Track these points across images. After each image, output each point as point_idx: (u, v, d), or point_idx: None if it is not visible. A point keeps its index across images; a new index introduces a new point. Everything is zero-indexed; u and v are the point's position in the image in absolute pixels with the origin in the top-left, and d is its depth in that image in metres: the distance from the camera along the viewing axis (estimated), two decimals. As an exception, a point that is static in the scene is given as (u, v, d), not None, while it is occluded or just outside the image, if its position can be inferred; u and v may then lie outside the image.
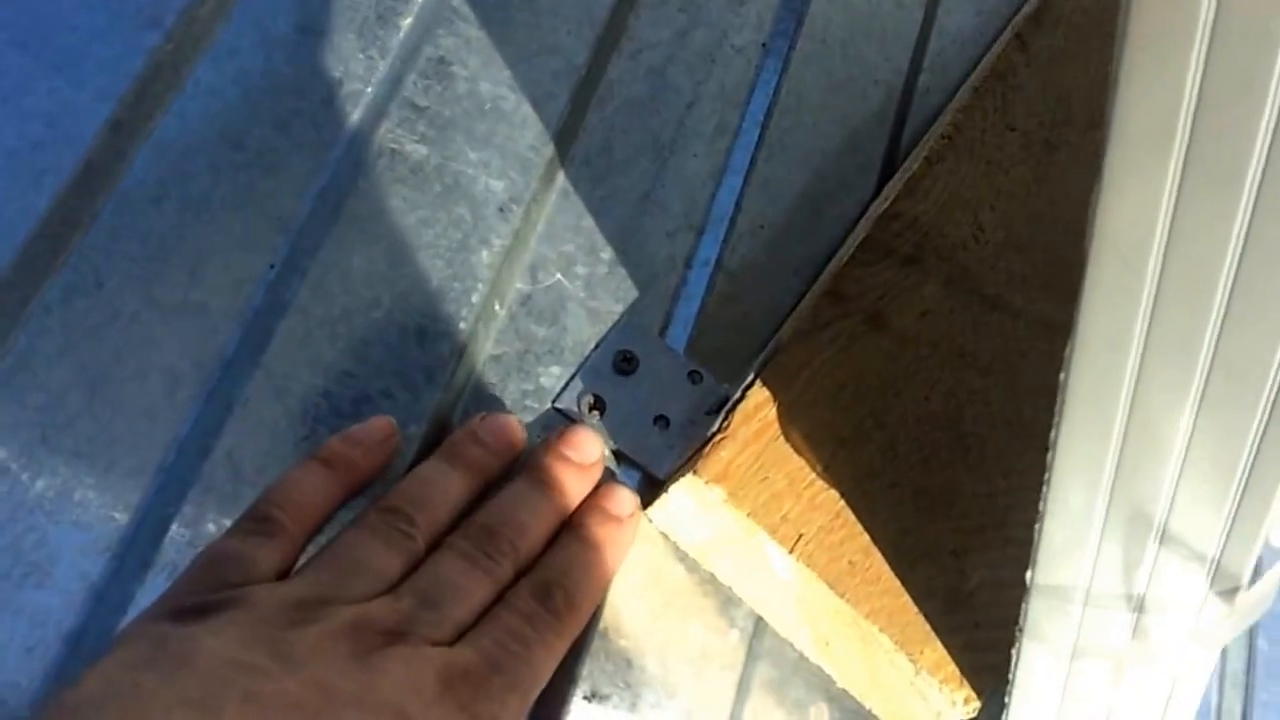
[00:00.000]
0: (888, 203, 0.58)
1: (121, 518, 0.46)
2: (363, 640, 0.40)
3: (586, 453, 0.51)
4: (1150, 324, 0.34)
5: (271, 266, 0.52)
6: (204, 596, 0.40)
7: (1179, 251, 0.32)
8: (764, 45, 0.67)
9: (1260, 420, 0.35)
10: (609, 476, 0.53)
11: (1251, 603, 0.40)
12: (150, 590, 0.45)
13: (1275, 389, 0.34)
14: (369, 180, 0.55)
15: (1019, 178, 0.61)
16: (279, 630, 0.39)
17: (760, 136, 0.64)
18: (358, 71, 0.57)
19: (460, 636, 0.43)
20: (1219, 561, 0.40)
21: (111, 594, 0.45)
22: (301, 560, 0.45)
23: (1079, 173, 0.62)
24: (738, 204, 0.62)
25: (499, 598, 0.45)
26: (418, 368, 0.52)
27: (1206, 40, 0.29)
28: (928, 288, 0.57)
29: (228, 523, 0.46)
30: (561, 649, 0.46)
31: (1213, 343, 0.34)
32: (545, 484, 0.49)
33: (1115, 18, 0.61)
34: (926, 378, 0.54)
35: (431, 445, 0.51)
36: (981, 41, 0.75)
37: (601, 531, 0.50)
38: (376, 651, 0.40)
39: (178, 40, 0.55)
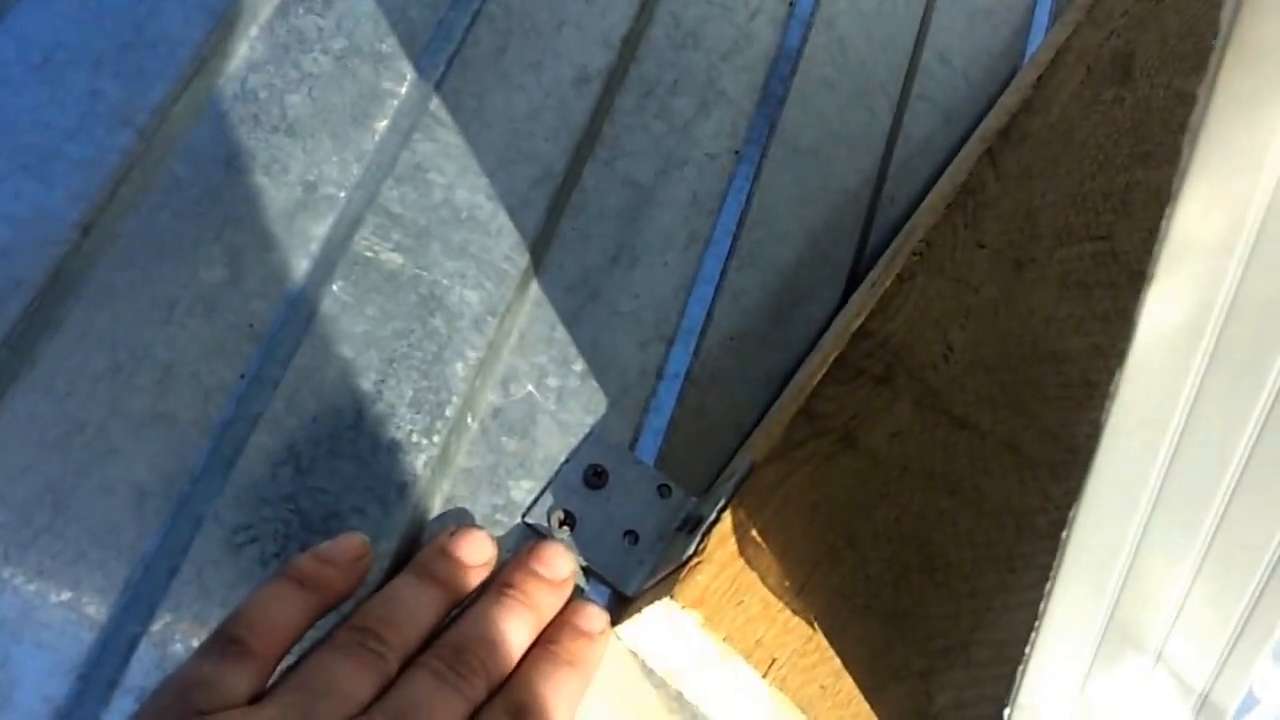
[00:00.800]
0: (860, 320, 0.59)
1: (87, 637, 0.45)
2: None
3: (557, 568, 0.51)
4: (1160, 492, 0.34)
5: (242, 376, 0.51)
6: None
7: (1198, 429, 0.33)
8: (737, 152, 0.68)
9: (1258, 583, 0.36)
10: (579, 593, 0.53)
11: None
12: (116, 713, 0.44)
13: (1275, 558, 0.35)
14: (343, 288, 0.54)
15: (987, 296, 0.62)
16: None
17: (732, 246, 0.65)
18: (332, 175, 0.57)
19: None
20: (1205, 701, 0.40)
21: (76, 717, 0.44)
22: (272, 680, 0.44)
23: (1045, 292, 0.63)
24: (708, 315, 0.62)
25: (472, 717, 0.45)
26: (390, 483, 0.51)
27: (1248, 249, 0.30)
28: (898, 407, 0.57)
29: (196, 643, 0.46)
30: None
31: (1218, 517, 0.34)
32: (517, 600, 0.49)
33: (1083, 133, 0.63)
34: (897, 498, 0.54)
35: (403, 560, 0.50)
36: (945, 149, 0.77)
37: (573, 648, 0.49)
38: None
39: (150, 139, 0.54)
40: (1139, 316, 0.32)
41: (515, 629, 0.48)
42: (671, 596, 0.48)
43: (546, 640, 0.49)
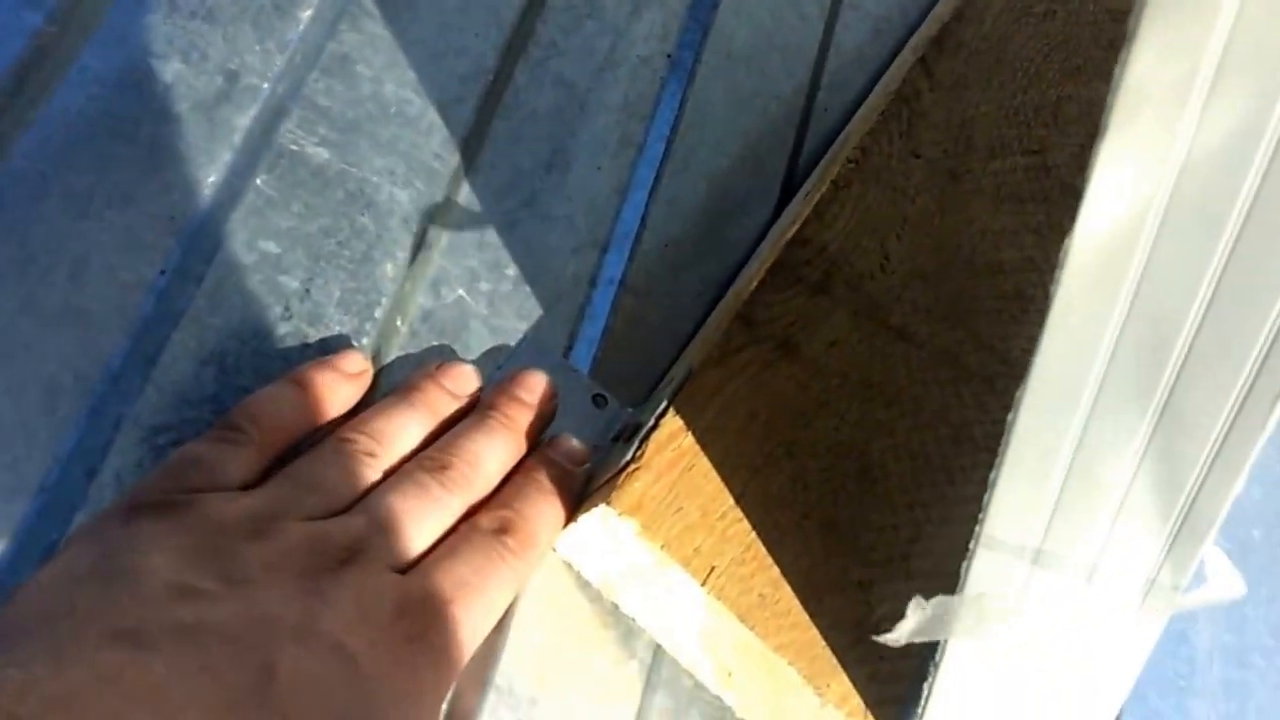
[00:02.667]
0: (796, 227, 0.58)
1: (-1, 543, 0.43)
2: (315, 558, 0.40)
3: (538, 392, 0.52)
4: (1106, 374, 0.34)
5: (162, 272, 0.49)
6: (164, 496, 0.40)
7: (1148, 295, 0.32)
8: (669, 56, 0.66)
9: (1202, 468, 0.35)
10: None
11: (1193, 599, 0.40)
12: (28, 622, 0.42)
13: (1222, 440, 0.34)
14: (268, 182, 0.52)
15: (924, 206, 0.62)
16: (230, 542, 0.39)
17: (665, 151, 0.63)
18: (254, 65, 0.54)
19: (413, 566, 0.43)
20: (1152, 587, 0.40)
21: (-14, 626, 0.42)
22: None
23: (981, 203, 0.63)
24: (643, 221, 0.61)
25: (453, 530, 0.46)
26: (317, 385, 0.49)
27: (1203, 96, 0.29)
28: (836, 317, 0.56)
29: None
30: (515, 586, 0.47)
31: (1166, 394, 0.34)
32: (499, 422, 0.49)
33: (1016, 45, 0.62)
34: (835, 408, 0.54)
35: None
36: (878, 60, 0.76)
37: (555, 474, 0.50)
38: (328, 574, 0.39)
39: (62, 22, 0.51)
40: (1089, 184, 0.31)
41: (498, 449, 0.49)
42: (608, 503, 0.47)
43: (529, 467, 0.50)
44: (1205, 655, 0.74)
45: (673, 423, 0.50)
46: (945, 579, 0.44)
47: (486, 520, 0.46)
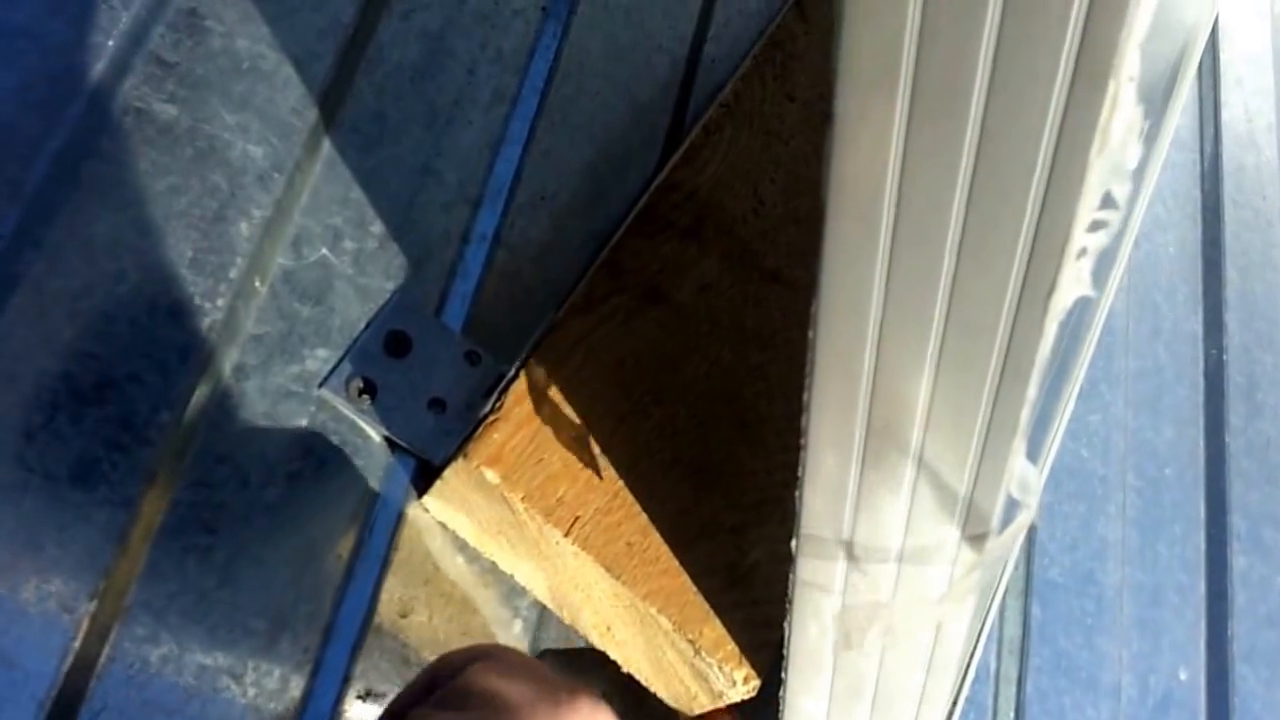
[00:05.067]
0: (665, 173, 0.57)
1: None
2: None
3: None
4: (888, 280, 0.33)
5: (0, 236, 0.47)
6: None
7: (910, 200, 0.32)
8: (544, 9, 0.65)
9: (994, 371, 0.35)
10: (382, 464, 0.51)
11: (1000, 546, 0.40)
12: None
13: (1006, 343, 0.34)
14: (112, 142, 0.50)
15: (798, 149, 0.61)
16: None
17: (540, 105, 0.62)
18: (99, 22, 0.52)
19: None
20: (969, 505, 0.39)
21: None
22: None
23: (859, 145, 0.62)
24: (517, 175, 0.60)
25: None
26: (171, 347, 0.48)
27: None
28: (707, 262, 0.55)
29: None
30: None
31: (946, 299, 0.33)
32: None
33: None
34: (706, 353, 0.53)
35: (185, 433, 0.47)
36: (768, 13, 0.75)
37: None
38: None
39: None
40: (836, 76, 0.31)
41: None
42: (465, 455, 0.46)
43: None
44: (1114, 593, 0.74)
45: (535, 371, 0.49)
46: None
47: None
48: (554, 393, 0.49)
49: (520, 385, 0.49)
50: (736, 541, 0.49)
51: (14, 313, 0.46)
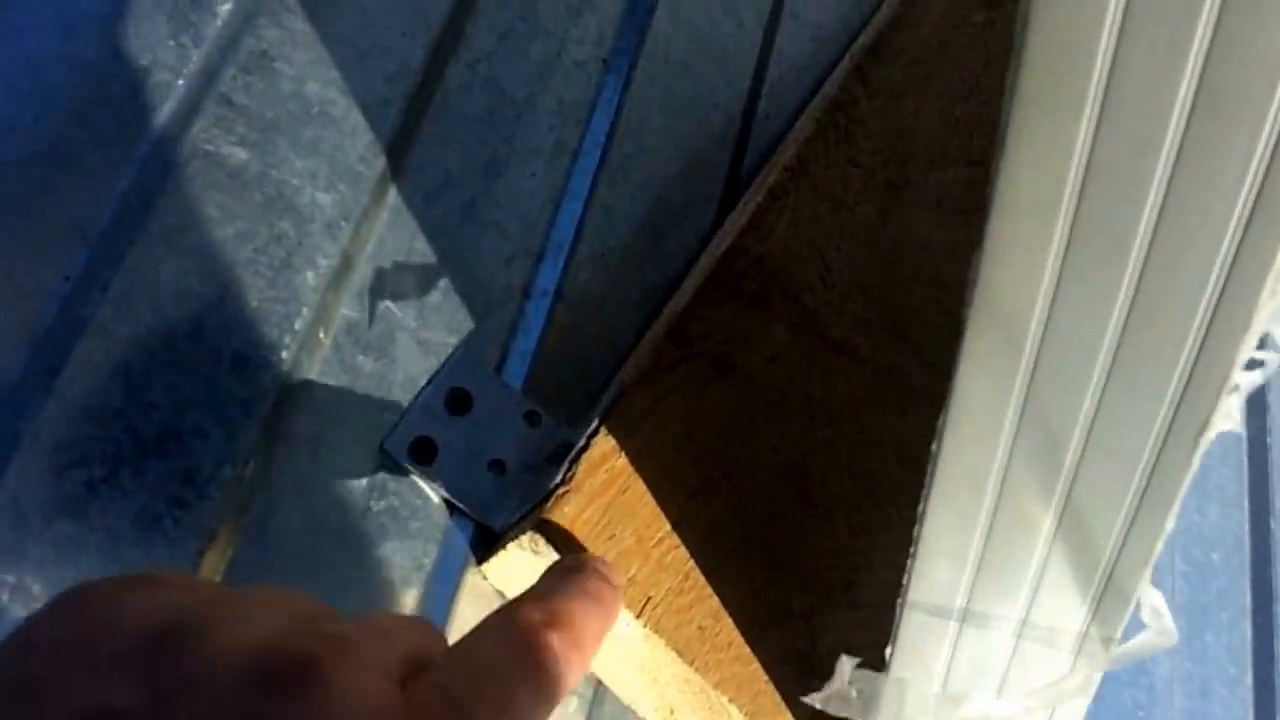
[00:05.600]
0: (732, 237, 0.56)
1: (-119, 575, 0.40)
2: None
3: None
4: (1025, 403, 0.33)
5: (67, 278, 0.46)
6: None
7: (1060, 325, 0.31)
8: (605, 61, 0.64)
9: (1131, 503, 0.34)
10: (440, 527, 0.50)
11: (1121, 655, 0.39)
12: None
13: (1148, 474, 0.33)
14: (180, 185, 0.49)
15: (864, 216, 0.60)
16: None
17: (601, 159, 0.61)
18: (168, 61, 0.51)
19: None
20: (1085, 634, 0.39)
21: None
22: None
23: (922, 215, 0.61)
24: (578, 230, 0.59)
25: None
26: (234, 400, 0.47)
27: (1099, 104, 0.28)
28: (775, 330, 0.54)
29: (12, 579, 0.41)
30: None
31: (1087, 426, 0.33)
32: None
33: (954, 54, 0.61)
34: (774, 426, 0.52)
35: (246, 490, 0.46)
36: (818, 69, 0.74)
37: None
38: None
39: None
40: (993, 200, 0.30)
41: None
42: (538, 529, 0.45)
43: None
44: (1165, 684, 0.73)
45: (605, 443, 0.48)
46: (889, 610, 0.42)
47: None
48: (625, 465, 0.48)
49: (591, 456, 0.48)
50: (807, 628, 0.48)
51: (80, 358, 0.45)
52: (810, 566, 0.49)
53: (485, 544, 0.51)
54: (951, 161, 0.64)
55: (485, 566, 0.49)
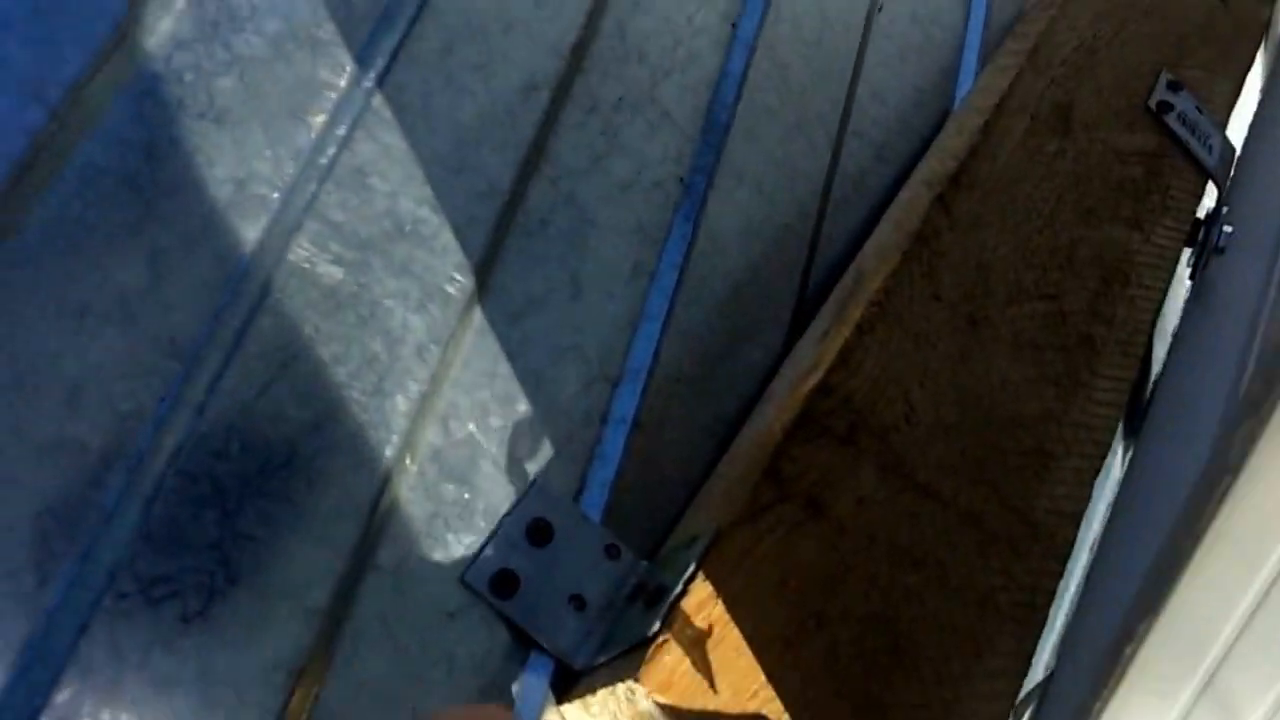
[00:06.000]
0: (820, 374, 0.55)
1: (-27, 710, 0.38)
2: None
3: None
4: (1249, 622, 0.32)
5: (162, 399, 0.44)
6: None
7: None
8: (682, 180, 0.64)
9: None
10: (519, 663, 0.48)
11: None
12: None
13: None
14: (278, 303, 0.48)
15: (946, 353, 0.59)
16: None
17: (678, 281, 0.61)
18: (263, 173, 0.50)
19: None
20: None
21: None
22: None
23: (1000, 351, 0.61)
24: (655, 354, 0.58)
25: None
26: (323, 530, 0.46)
27: None
28: (864, 471, 0.53)
29: (107, 716, 0.39)
30: None
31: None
32: None
33: (1029, 186, 0.60)
34: (863, 572, 0.51)
35: (334, 615, 0.45)
36: (879, 188, 0.74)
37: None
38: None
39: (62, 119, 0.47)
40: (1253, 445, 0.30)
41: None
42: (636, 680, 0.44)
43: None
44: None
45: (701, 589, 0.47)
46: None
47: None
48: (721, 612, 0.47)
49: (689, 603, 0.46)
50: (897, 782, 0.47)
51: (174, 487, 0.43)
52: (899, 718, 0.48)
53: (565, 682, 0.49)
54: (1027, 296, 0.64)
55: (566, 708, 0.48)
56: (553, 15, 0.62)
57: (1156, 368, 0.79)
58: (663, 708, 0.44)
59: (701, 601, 0.47)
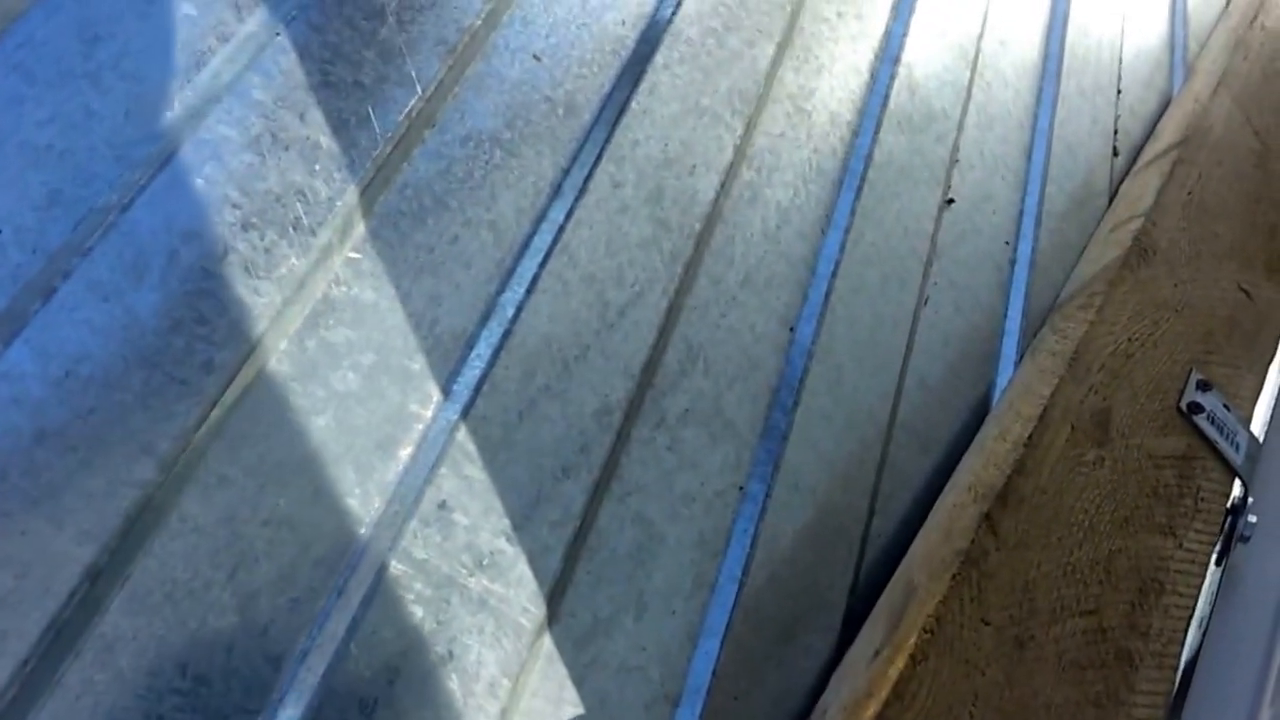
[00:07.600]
0: (876, 706, 0.57)
1: None
2: None
3: None
4: None
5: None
6: None
7: None
8: (741, 489, 0.66)
9: None
10: None
11: None
12: None
13: None
14: (358, 655, 0.50)
15: (993, 679, 0.61)
16: None
17: (737, 595, 0.63)
18: (352, 510, 0.53)
19: None
20: None
21: None
22: None
23: (1045, 673, 0.63)
24: (714, 673, 0.60)
25: None
26: None
27: None
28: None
29: None
30: None
31: None
32: None
33: (1070, 499, 0.62)
34: None
35: None
36: (923, 479, 0.76)
37: None
38: None
39: (169, 469, 0.50)
40: None
41: None
42: None
43: None
44: None
45: None
46: None
47: None
48: None
49: None
50: None
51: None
52: None
53: None
54: (1069, 612, 0.66)
55: None
56: (625, 336, 0.65)
57: (1188, 653, 0.81)
58: None
59: None
